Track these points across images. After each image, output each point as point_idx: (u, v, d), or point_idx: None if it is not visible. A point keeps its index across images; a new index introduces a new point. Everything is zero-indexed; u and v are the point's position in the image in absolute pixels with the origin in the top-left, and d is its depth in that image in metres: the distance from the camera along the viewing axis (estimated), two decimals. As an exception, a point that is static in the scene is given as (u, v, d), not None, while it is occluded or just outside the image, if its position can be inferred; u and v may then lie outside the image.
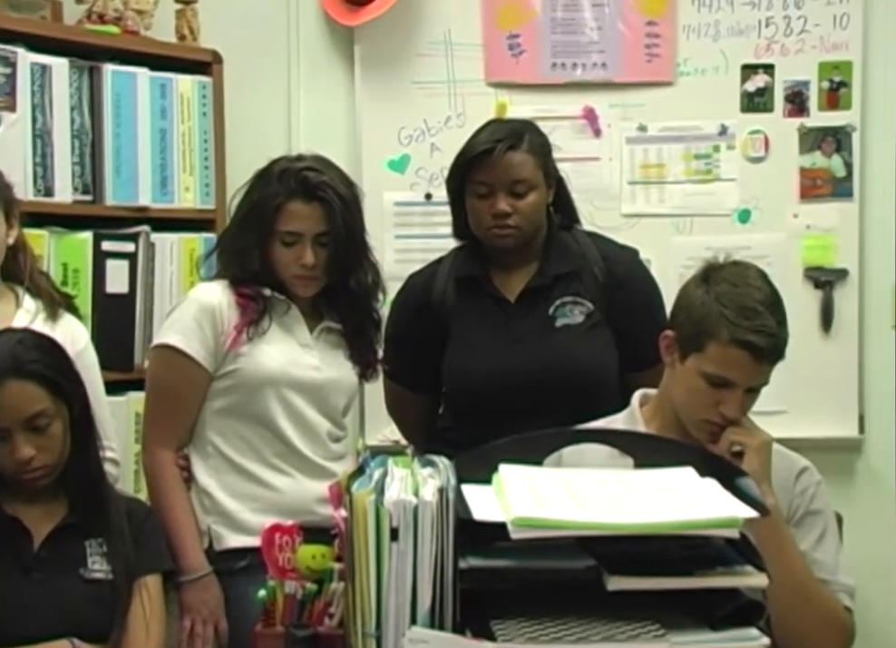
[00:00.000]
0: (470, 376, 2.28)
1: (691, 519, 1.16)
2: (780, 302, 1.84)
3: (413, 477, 1.26)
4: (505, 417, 2.06)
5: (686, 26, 3.04)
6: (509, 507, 1.18)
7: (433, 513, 1.19)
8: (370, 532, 1.17)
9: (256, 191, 2.17)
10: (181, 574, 2.04)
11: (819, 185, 3.07)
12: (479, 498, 1.25)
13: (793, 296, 2.82)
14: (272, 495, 2.11)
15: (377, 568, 1.16)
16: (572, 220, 2.40)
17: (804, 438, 2.74)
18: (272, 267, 2.16)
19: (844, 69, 3.04)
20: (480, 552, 1.21)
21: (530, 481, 1.27)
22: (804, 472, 1.88)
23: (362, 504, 1.18)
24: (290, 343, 2.17)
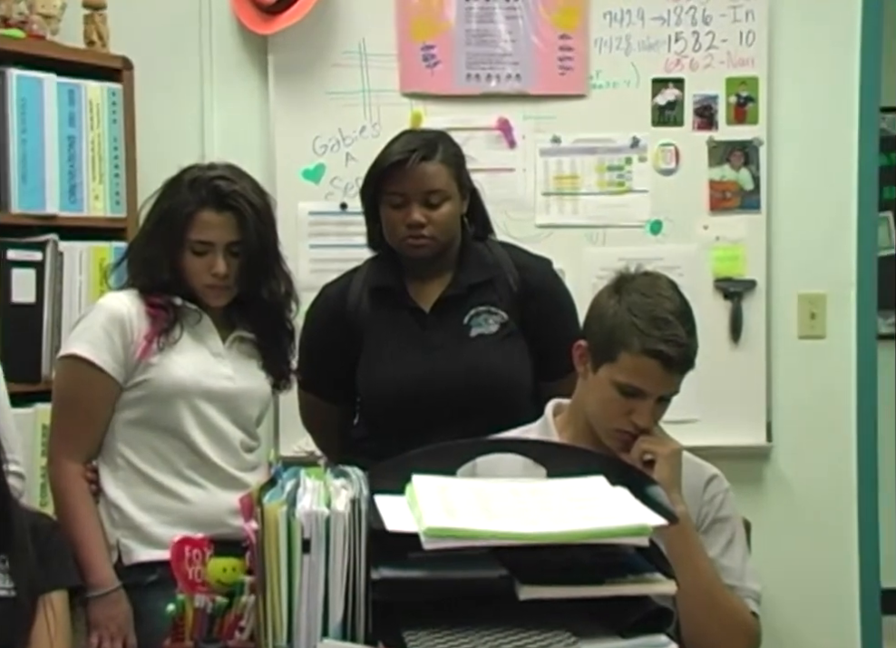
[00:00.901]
0: (384, 386, 2.28)
1: (601, 528, 1.17)
2: (690, 312, 1.87)
3: (325, 488, 1.26)
4: (420, 426, 2.06)
5: (598, 40, 3.08)
6: (421, 518, 1.18)
7: (345, 524, 1.18)
8: (281, 544, 1.16)
9: (166, 199, 2.15)
10: (89, 589, 2.01)
11: (728, 198, 3.13)
12: (392, 509, 1.24)
13: (703, 306, 2.87)
14: (183, 508, 2.08)
15: (289, 580, 1.15)
16: (486, 231, 2.41)
17: (714, 446, 2.79)
18: (183, 276, 2.13)
19: (751, 84, 3.10)
20: (392, 563, 1.21)
21: (443, 491, 1.27)
22: (713, 480, 1.91)
23: (273, 515, 1.17)
24: (202, 353, 2.15)
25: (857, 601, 3.16)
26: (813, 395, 3.16)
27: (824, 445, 3.17)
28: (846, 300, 3.16)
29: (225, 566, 1.37)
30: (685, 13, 3.08)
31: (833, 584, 3.16)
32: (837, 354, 3.16)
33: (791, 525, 3.14)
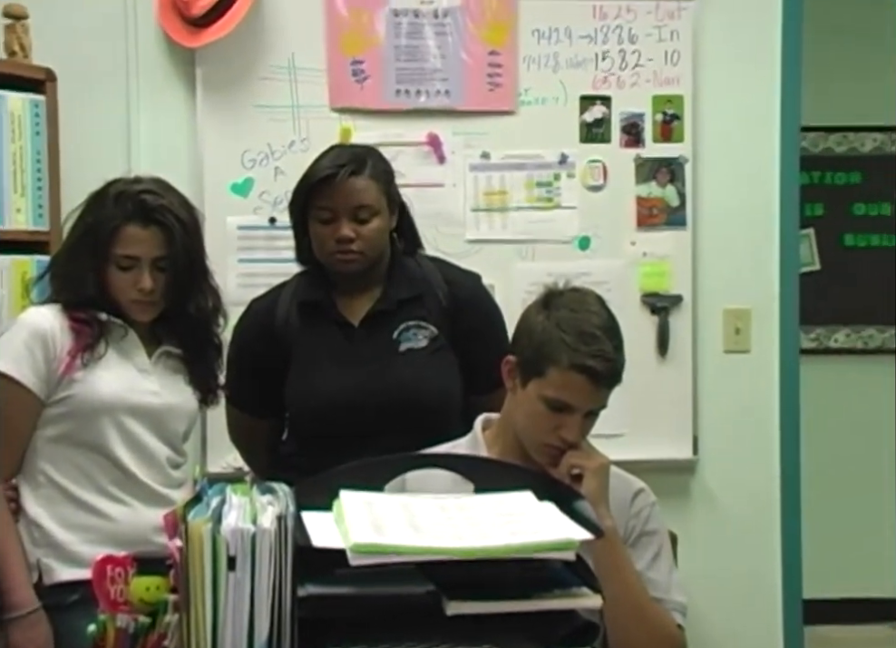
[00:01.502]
0: (312, 401, 2.27)
1: (528, 542, 1.18)
2: (617, 327, 1.88)
3: (251, 505, 1.24)
4: (349, 441, 2.05)
5: (526, 57, 3.11)
6: (348, 534, 1.17)
7: (271, 541, 1.17)
8: (206, 561, 1.14)
9: (91, 213, 2.12)
10: (8, 610, 1.96)
11: (654, 214, 3.17)
12: (319, 525, 1.23)
13: (631, 321, 2.91)
14: (107, 525, 2.05)
15: (213, 598, 1.14)
16: (416, 246, 2.42)
17: (642, 460, 2.81)
18: (108, 291, 2.11)
19: (676, 103, 3.15)
20: (319, 579, 1.20)
21: (370, 507, 1.26)
22: (640, 494, 1.92)
23: (198, 533, 1.15)
24: (128, 368, 2.12)
25: (780, 611, 3.21)
26: (737, 408, 3.21)
27: (749, 458, 3.22)
28: (770, 315, 3.22)
29: (148, 585, 1.35)
30: (611, 32, 3.12)
31: (757, 594, 3.20)
32: (761, 368, 3.22)
33: (716, 537, 3.18)
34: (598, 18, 3.11)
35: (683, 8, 3.12)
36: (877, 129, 4.50)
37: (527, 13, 3.09)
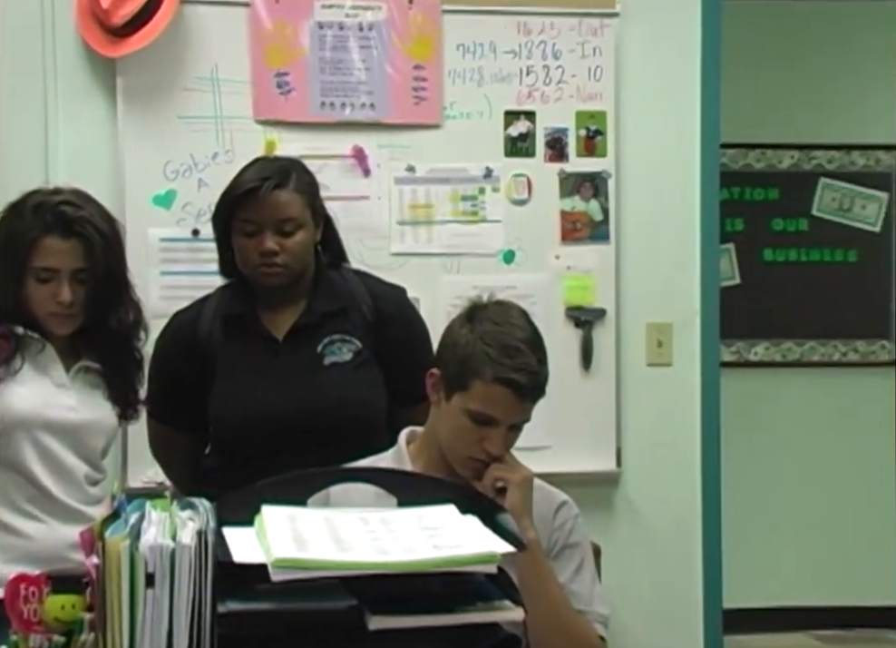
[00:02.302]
0: (236, 415, 2.24)
1: (451, 556, 1.18)
2: (541, 341, 1.89)
3: (171, 521, 1.23)
4: (273, 456, 2.03)
5: (451, 71, 3.12)
6: (269, 549, 1.16)
7: (191, 557, 1.15)
8: (123, 579, 1.12)
9: (8, 224, 2.08)
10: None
11: (578, 228, 3.20)
12: (240, 540, 1.22)
13: (555, 334, 2.93)
14: (22, 543, 2.01)
15: (130, 616, 1.12)
16: (340, 259, 2.41)
17: (566, 473, 2.83)
18: (26, 304, 2.07)
19: (599, 118, 3.19)
20: (240, 596, 1.18)
21: (293, 522, 1.25)
22: (563, 506, 1.93)
23: (115, 549, 1.13)
24: (44, 383, 2.08)
25: (701, 621, 3.25)
26: (660, 421, 3.25)
27: (671, 469, 3.25)
28: (691, 329, 3.26)
29: (63, 603, 1.32)
30: (535, 47, 3.14)
31: (678, 604, 3.24)
32: (683, 381, 3.26)
33: (638, 548, 3.21)
34: (523, 34, 3.14)
35: (606, 25, 3.16)
36: (794, 146, 4.60)
37: (451, 27, 3.11)
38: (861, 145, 4.59)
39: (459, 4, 3.10)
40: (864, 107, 4.52)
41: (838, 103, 4.51)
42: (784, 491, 4.51)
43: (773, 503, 4.48)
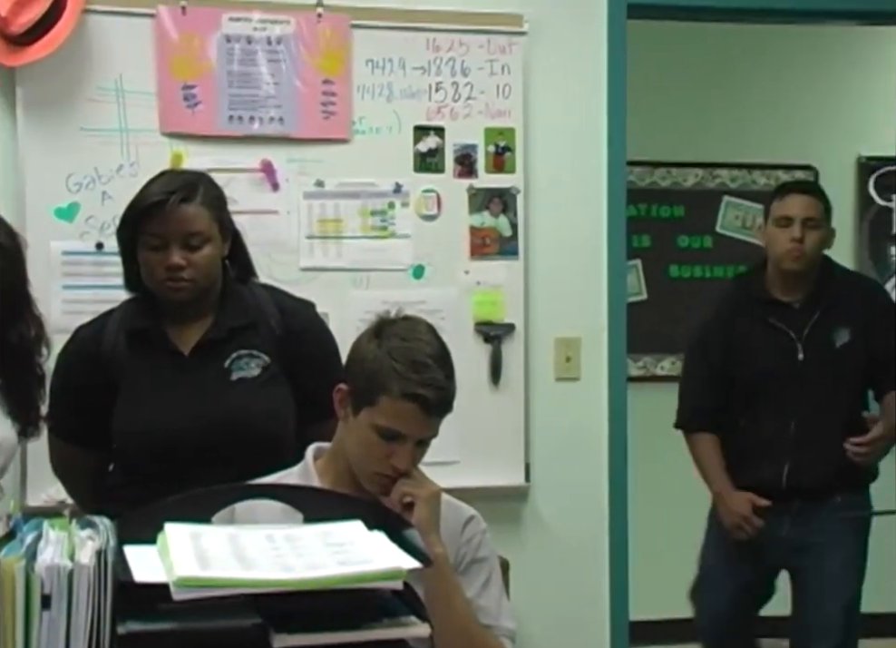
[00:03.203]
0: (140, 431, 2.21)
1: (357, 572, 1.17)
2: (448, 356, 1.90)
3: (69, 540, 1.20)
4: (179, 473, 2.00)
5: (360, 86, 3.12)
6: (172, 567, 1.14)
7: (89, 577, 1.13)
8: (18, 600, 1.09)
9: None
10: None
11: (487, 243, 3.22)
12: (142, 559, 1.20)
13: (464, 349, 2.95)
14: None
15: (25, 639, 1.09)
16: (249, 274, 2.39)
17: (475, 487, 2.85)
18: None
19: (508, 135, 3.22)
20: (141, 616, 1.16)
21: (196, 539, 1.23)
22: (471, 521, 1.94)
23: (9, 571, 1.10)
24: (-59, 400, 2.03)
25: (608, 633, 3.28)
26: (568, 435, 3.28)
27: (579, 483, 3.28)
28: (599, 344, 3.30)
29: (-43, 627, 1.28)
30: (444, 64, 3.17)
31: (586, 617, 3.27)
32: (591, 395, 3.30)
33: (547, 562, 3.23)
34: (432, 50, 3.16)
35: (514, 43, 3.19)
36: (698, 165, 4.69)
37: (360, 43, 3.12)
38: (762, 165, 4.70)
39: (368, 19, 3.11)
40: (766, 128, 4.63)
41: (741, 123, 4.61)
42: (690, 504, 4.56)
43: (679, 516, 4.52)
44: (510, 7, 3.20)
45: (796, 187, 3.30)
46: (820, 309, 3.08)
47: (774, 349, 3.08)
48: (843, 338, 3.08)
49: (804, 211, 3.08)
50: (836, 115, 4.66)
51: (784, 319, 3.08)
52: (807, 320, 3.07)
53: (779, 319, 3.08)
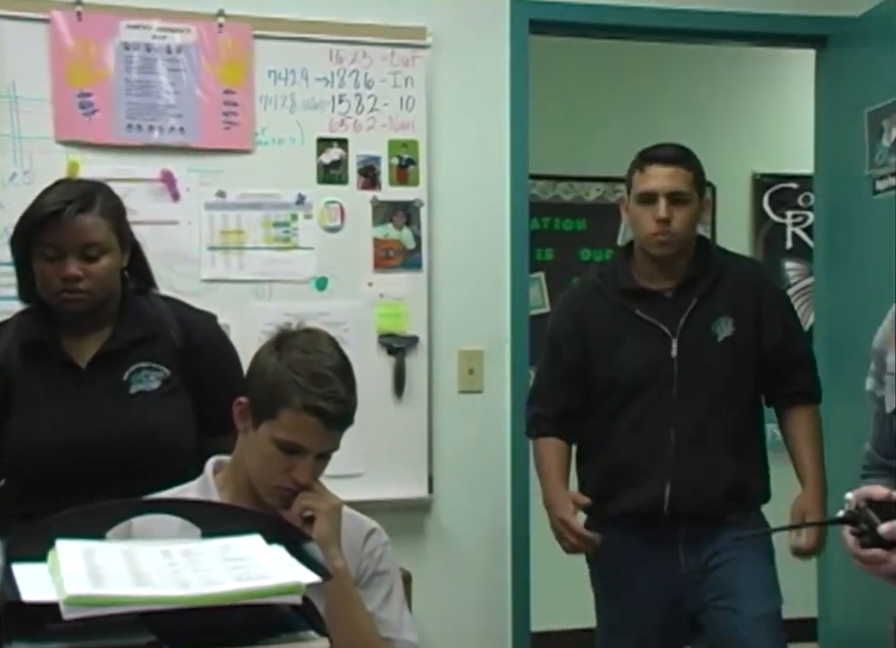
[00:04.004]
0: (35, 446, 2.16)
1: (254, 588, 1.16)
2: (350, 369, 1.89)
3: (-45, 559, 1.16)
4: (76, 488, 1.96)
5: (263, 97, 3.11)
6: (62, 585, 1.11)
7: (-24, 597, 1.10)
8: None
9: None
10: None
11: (391, 256, 3.22)
12: (31, 577, 1.17)
13: (368, 362, 2.94)
14: None
15: None
16: (148, 285, 2.35)
17: (378, 500, 2.84)
18: None
19: (412, 147, 3.23)
20: (29, 637, 1.13)
21: (88, 556, 1.20)
22: (372, 534, 1.93)
23: None
24: None
25: (510, 643, 3.29)
26: (471, 447, 3.29)
27: (482, 495, 3.30)
28: (501, 356, 3.32)
29: None
30: (348, 75, 3.17)
31: (488, 628, 3.28)
32: (493, 408, 3.32)
33: (450, 573, 3.24)
34: (335, 61, 3.16)
35: (417, 56, 3.21)
36: (600, 179, 4.76)
37: (263, 53, 3.10)
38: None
39: (270, 30, 3.10)
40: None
41: (642, 139, 4.68)
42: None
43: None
44: (413, 20, 3.21)
45: (659, 156, 2.69)
46: (697, 297, 2.62)
47: (642, 346, 2.61)
48: (727, 330, 2.61)
49: (669, 185, 2.60)
50: (733, 133, 4.77)
51: (652, 311, 2.61)
52: (681, 311, 2.60)
53: (647, 310, 2.61)
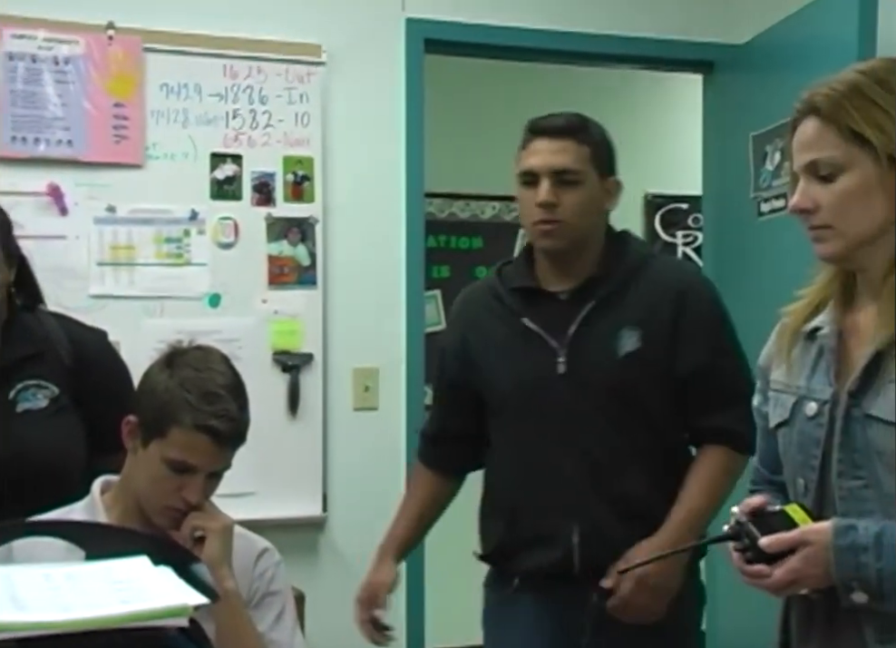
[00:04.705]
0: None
1: (140, 610, 1.13)
2: (242, 386, 1.88)
3: None
4: (-44, 511, 1.90)
5: (154, 111, 3.07)
6: (-63, 613, 1.08)
7: None
8: None
9: None
10: None
11: (286, 273, 3.20)
12: None
13: (262, 379, 2.92)
14: None
15: None
16: (36, 301, 2.30)
17: (271, 519, 2.81)
18: None
19: (307, 164, 3.21)
20: None
21: (-34, 582, 1.17)
22: (264, 554, 1.91)
23: None
24: None
25: (405, 662, 3.29)
26: (366, 465, 3.28)
27: (376, 514, 3.26)
28: (397, 374, 3.32)
29: None
30: (242, 91, 3.14)
31: (383, 647, 3.26)
32: (388, 425, 3.31)
33: (344, 593, 3.17)
34: (229, 77, 3.13)
35: (312, 73, 3.20)
36: (495, 198, 4.80)
37: (154, 66, 3.06)
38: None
39: (162, 43, 3.06)
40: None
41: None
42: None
43: (474, 543, 4.59)
44: (308, 37, 3.21)
45: (544, 128, 2.16)
46: (595, 300, 2.09)
47: (524, 360, 2.12)
48: (630, 343, 2.07)
49: (553, 161, 2.09)
50: (626, 153, 4.79)
51: (539, 318, 2.11)
52: (573, 317, 2.09)
53: (534, 317, 2.11)
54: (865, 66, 1.46)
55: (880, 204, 1.42)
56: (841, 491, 1.42)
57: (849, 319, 1.50)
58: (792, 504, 1.44)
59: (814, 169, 1.45)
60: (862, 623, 1.39)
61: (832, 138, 1.43)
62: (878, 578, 1.33)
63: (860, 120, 1.41)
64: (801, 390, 1.50)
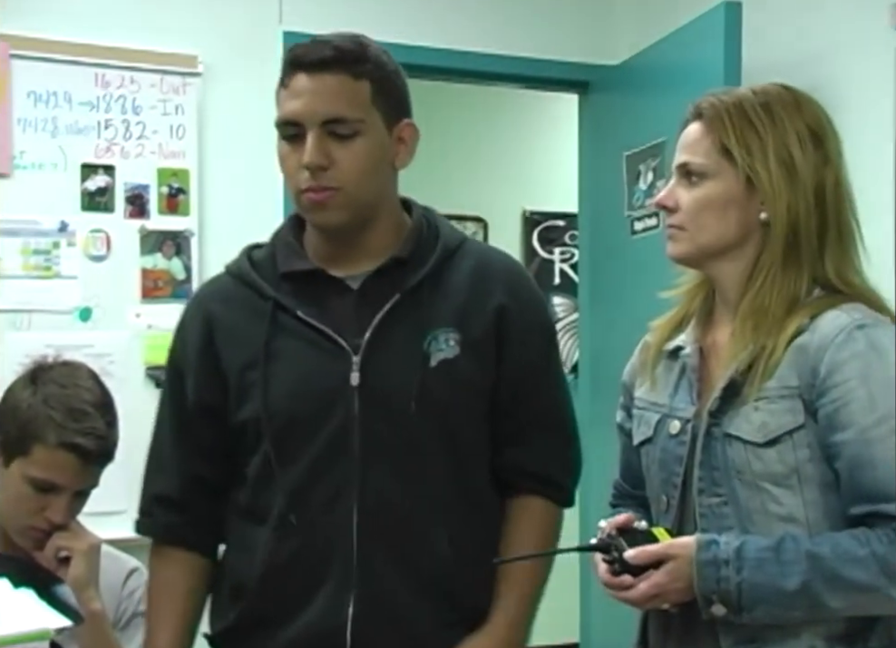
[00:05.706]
0: None
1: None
2: (111, 403, 1.85)
3: None
4: None
5: (21, 119, 2.99)
6: None
7: None
8: None
9: None
10: None
11: (160, 286, 3.15)
12: None
13: (135, 394, 2.86)
14: None
15: None
16: None
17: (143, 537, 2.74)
18: None
19: (182, 176, 3.17)
20: None
21: None
22: (133, 573, 1.88)
23: None
24: None
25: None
26: (242, 481, 3.23)
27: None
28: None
29: None
30: (114, 101, 3.08)
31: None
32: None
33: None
34: (101, 86, 3.07)
35: (188, 84, 3.16)
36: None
37: (21, 73, 2.98)
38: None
39: (30, 50, 2.99)
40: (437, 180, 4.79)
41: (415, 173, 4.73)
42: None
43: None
44: (184, 48, 3.16)
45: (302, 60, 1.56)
46: (401, 293, 1.57)
47: (303, 368, 1.57)
48: (447, 350, 1.56)
49: (320, 106, 1.54)
50: (504, 171, 4.91)
51: (326, 312, 1.57)
52: (372, 313, 1.56)
53: (317, 311, 1.57)
54: (760, 87, 1.51)
55: (734, 220, 1.47)
56: (701, 508, 1.45)
57: (710, 338, 1.54)
58: (658, 527, 1.46)
59: (685, 170, 1.49)
60: (719, 634, 1.42)
61: (707, 146, 1.47)
62: (737, 591, 1.36)
63: (732, 136, 1.45)
64: (664, 408, 1.53)
